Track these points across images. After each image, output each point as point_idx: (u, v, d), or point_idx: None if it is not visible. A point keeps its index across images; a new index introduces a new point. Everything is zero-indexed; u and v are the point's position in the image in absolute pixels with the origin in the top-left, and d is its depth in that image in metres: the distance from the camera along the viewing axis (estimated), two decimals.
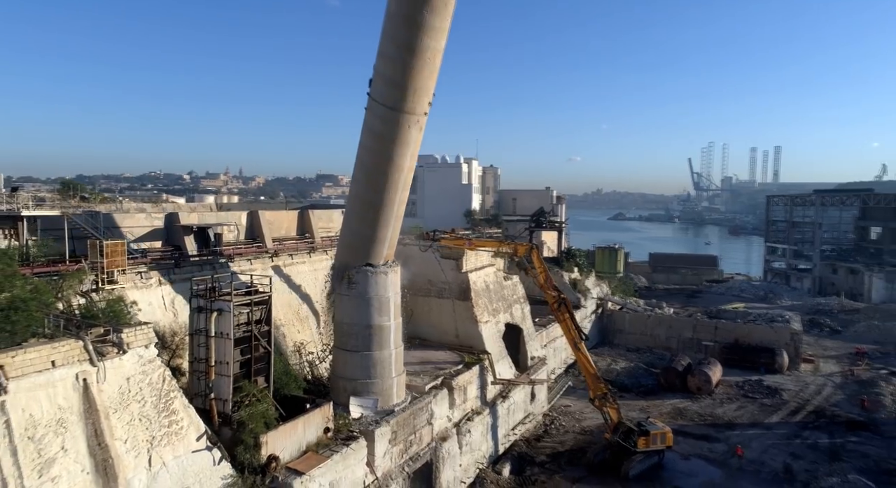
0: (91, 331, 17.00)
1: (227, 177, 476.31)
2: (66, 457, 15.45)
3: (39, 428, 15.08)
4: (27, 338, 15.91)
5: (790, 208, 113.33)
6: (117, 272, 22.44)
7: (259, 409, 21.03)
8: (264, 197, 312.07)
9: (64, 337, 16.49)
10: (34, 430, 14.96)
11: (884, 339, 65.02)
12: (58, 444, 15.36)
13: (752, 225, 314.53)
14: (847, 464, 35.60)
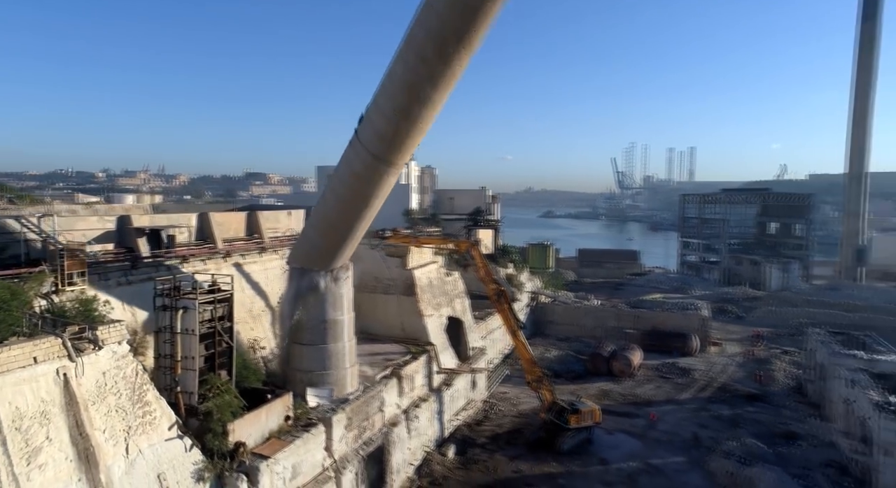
0: (68, 328, 17.97)
1: (146, 176, 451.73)
2: (51, 446, 16.50)
3: (25, 419, 16.07)
4: (7, 336, 16.74)
5: (701, 206, 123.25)
6: (76, 274, 23.04)
7: (225, 400, 22.45)
8: (189, 196, 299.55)
9: (43, 334, 17.41)
10: (20, 422, 15.94)
11: (778, 323, 73.16)
12: (43, 434, 16.38)
13: (669, 221, 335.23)
14: (744, 430, 40.85)
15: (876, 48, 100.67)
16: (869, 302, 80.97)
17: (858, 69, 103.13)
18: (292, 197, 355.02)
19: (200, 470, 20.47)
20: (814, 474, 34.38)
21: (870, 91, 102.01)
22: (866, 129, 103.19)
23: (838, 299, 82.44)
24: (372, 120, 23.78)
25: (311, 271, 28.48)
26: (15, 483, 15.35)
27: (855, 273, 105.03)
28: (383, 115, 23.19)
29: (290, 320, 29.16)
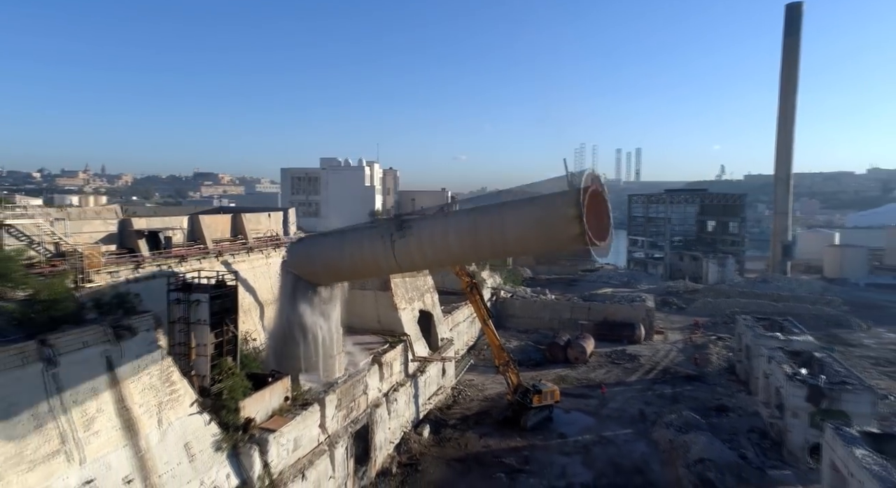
0: (108, 318, 20.63)
1: (87, 176, 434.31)
2: (102, 417, 19.21)
3: (80, 393, 18.75)
4: (60, 325, 19.31)
5: (647, 206, 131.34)
6: (93, 272, 25.46)
7: (235, 382, 25.38)
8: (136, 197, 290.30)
9: (89, 322, 20.04)
10: (77, 395, 18.61)
11: (715, 313, 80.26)
12: (95, 407, 19.09)
13: (618, 220, 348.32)
14: (682, 406, 46.12)
15: (797, 60, 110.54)
16: (793, 292, 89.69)
17: (782, 79, 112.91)
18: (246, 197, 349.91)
19: (219, 441, 23.39)
20: (739, 438, 39.91)
21: (793, 100, 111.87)
22: (791, 136, 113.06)
23: (767, 290, 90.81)
24: (411, 251, 27.68)
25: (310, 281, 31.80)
26: (78, 446, 18.07)
27: (783, 267, 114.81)
28: (424, 255, 27.86)
29: (286, 313, 32.06)
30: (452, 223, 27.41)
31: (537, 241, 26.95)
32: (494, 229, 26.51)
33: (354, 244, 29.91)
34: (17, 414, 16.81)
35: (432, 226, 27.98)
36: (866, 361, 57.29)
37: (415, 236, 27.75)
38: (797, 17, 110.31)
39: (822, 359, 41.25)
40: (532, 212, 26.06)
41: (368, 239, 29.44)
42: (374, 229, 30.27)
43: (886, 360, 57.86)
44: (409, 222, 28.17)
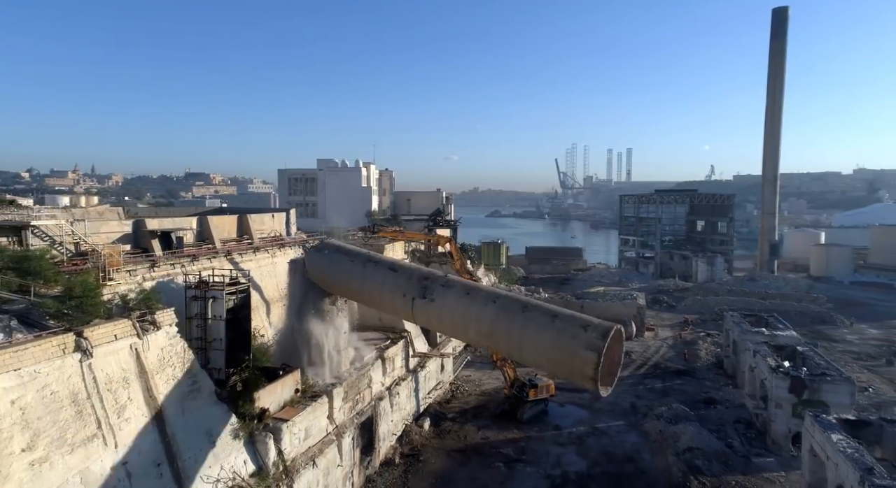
0: (134, 313, 21.98)
1: (76, 175, 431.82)
2: (132, 405, 20.57)
3: (113, 383, 20.10)
4: (94, 318, 20.65)
5: (637, 206, 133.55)
6: (113, 271, 26.72)
7: (249, 374, 26.77)
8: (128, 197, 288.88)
9: (117, 317, 21.37)
10: (110, 384, 19.96)
11: (704, 310, 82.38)
12: (126, 395, 20.44)
13: (609, 220, 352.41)
14: (672, 399, 47.97)
15: (783, 64, 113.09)
16: (780, 290, 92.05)
17: (769, 82, 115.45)
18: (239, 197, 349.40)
19: (236, 429, 24.77)
20: (726, 428, 41.76)
21: (780, 102, 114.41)
22: (778, 137, 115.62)
23: (755, 288, 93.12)
24: (430, 316, 29.04)
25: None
26: (112, 431, 19.43)
27: (771, 265, 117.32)
28: (442, 325, 29.59)
29: (298, 311, 33.43)
30: (475, 309, 27.03)
31: (549, 363, 26.63)
32: (513, 334, 26.29)
33: (375, 286, 30.46)
34: (58, 400, 18.15)
35: (455, 304, 27.76)
36: (848, 356, 59.48)
37: (436, 307, 27.99)
38: (783, 21, 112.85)
39: (805, 353, 43.19)
40: (552, 339, 25.16)
41: (391, 290, 29.82)
42: (398, 277, 30.00)
43: (867, 355, 60.10)
44: (432, 288, 28.10)
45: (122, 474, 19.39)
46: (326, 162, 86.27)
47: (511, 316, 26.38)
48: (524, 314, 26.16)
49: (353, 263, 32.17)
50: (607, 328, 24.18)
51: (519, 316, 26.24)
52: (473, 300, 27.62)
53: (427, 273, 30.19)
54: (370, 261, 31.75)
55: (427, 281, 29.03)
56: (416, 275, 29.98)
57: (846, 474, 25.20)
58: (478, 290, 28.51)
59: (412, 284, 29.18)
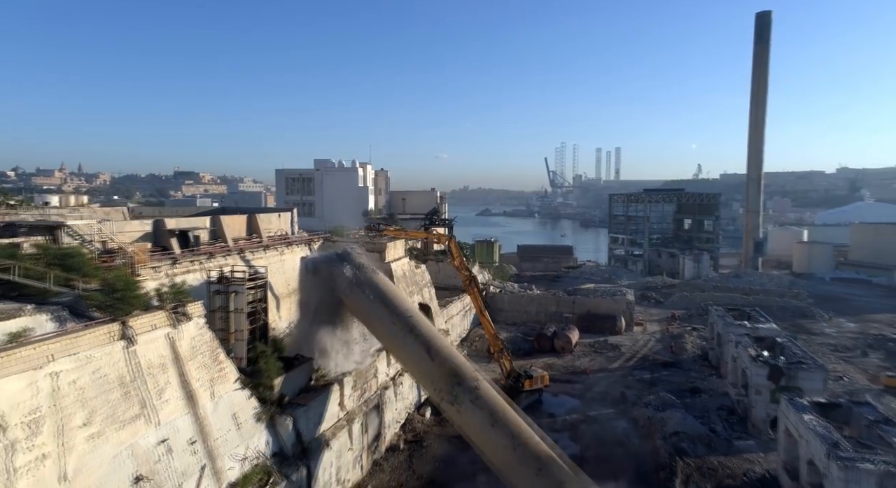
0: (168, 305, 23.95)
1: (63, 174, 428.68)
2: (170, 388, 22.57)
3: (152, 368, 22.08)
4: (133, 310, 22.59)
5: (626, 205, 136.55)
6: (140, 267, 28.61)
7: (269, 363, 28.81)
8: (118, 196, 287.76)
9: (154, 308, 23.34)
10: (151, 369, 21.95)
11: (690, 305, 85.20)
12: (164, 379, 22.44)
13: (599, 218, 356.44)
14: (660, 388, 50.50)
15: (767, 67, 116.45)
16: (763, 287, 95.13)
17: (753, 84, 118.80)
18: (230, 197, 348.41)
19: (259, 413, 26.82)
20: (710, 415, 44.30)
21: (763, 104, 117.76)
22: (761, 138, 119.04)
23: (739, 285, 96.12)
24: (449, 412, 30.29)
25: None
26: (154, 411, 21.43)
27: (755, 262, 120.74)
28: (458, 425, 30.48)
29: (308, 307, 35.43)
30: (495, 443, 27.93)
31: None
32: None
33: (411, 362, 31.83)
34: (109, 382, 20.13)
35: (480, 429, 28.55)
36: (826, 348, 62.44)
37: (462, 419, 28.98)
38: (766, 26, 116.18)
39: (783, 344, 45.89)
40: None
41: (423, 375, 31.30)
42: (432, 367, 30.72)
43: (844, 347, 63.10)
44: (462, 397, 28.78)
45: (163, 450, 21.40)
46: (323, 162, 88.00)
47: (525, 471, 27.00)
48: (537, 477, 26.62)
49: (394, 325, 32.54)
50: None
51: (531, 475, 26.68)
52: (497, 434, 28.17)
53: (459, 371, 30.54)
54: (410, 331, 32.02)
55: (459, 385, 29.62)
56: (449, 370, 30.47)
57: (816, 449, 27.78)
58: (505, 423, 28.51)
59: (444, 382, 30.04)
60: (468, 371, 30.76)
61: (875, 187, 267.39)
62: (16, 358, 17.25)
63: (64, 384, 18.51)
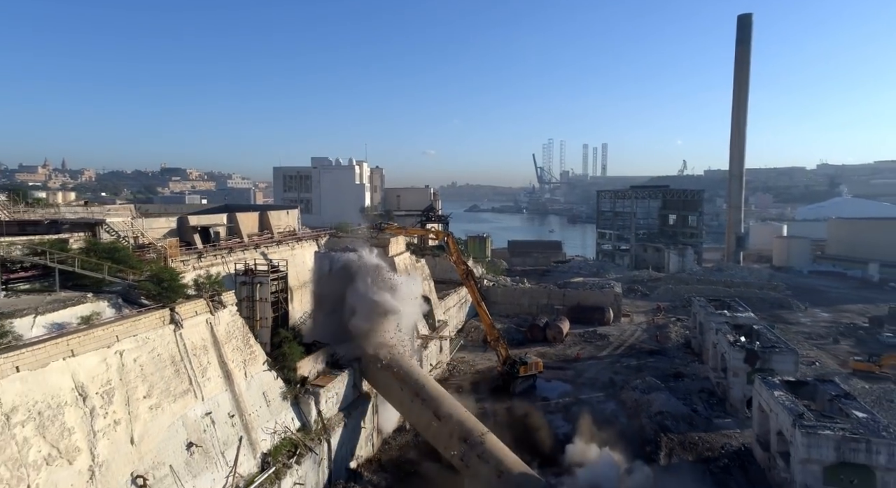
0: (207, 294, 26.58)
1: (47, 170, 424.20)
2: (210, 367, 25.25)
3: (196, 349, 24.74)
4: (177, 298, 25.20)
5: (614, 201, 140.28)
6: (171, 260, 31.15)
7: (292, 347, 31.53)
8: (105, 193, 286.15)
9: (194, 297, 25.96)
10: (195, 350, 24.61)
11: (675, 298, 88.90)
12: (206, 359, 25.11)
13: (586, 214, 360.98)
14: (646, 374, 53.82)
15: (748, 67, 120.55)
16: (744, 279, 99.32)
17: (735, 85, 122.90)
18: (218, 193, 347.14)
19: (284, 392, 29.58)
20: (692, 397, 47.72)
21: (745, 104, 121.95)
22: (743, 137, 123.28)
23: (721, 278, 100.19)
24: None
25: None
26: (199, 387, 24.11)
27: (737, 256, 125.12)
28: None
29: (324, 298, 38.09)
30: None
31: None
32: None
33: (421, 424, 33.52)
34: (163, 360, 22.77)
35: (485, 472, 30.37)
36: (801, 335, 66.38)
37: (468, 474, 30.99)
38: (747, 28, 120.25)
39: (759, 331, 49.43)
40: None
41: (434, 436, 32.97)
42: (441, 427, 32.51)
43: (817, 335, 67.12)
44: (469, 455, 30.59)
45: (208, 421, 24.11)
46: (321, 160, 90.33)
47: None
48: None
49: (403, 391, 35.01)
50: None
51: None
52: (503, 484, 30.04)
53: (467, 429, 32.47)
54: (417, 395, 34.26)
55: (466, 441, 31.67)
56: (457, 431, 32.41)
57: (783, 420, 31.16)
58: (509, 474, 30.11)
59: (453, 441, 32.12)
60: (472, 426, 32.81)
61: (853, 183, 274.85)
62: (91, 337, 19.87)
63: (129, 361, 21.14)
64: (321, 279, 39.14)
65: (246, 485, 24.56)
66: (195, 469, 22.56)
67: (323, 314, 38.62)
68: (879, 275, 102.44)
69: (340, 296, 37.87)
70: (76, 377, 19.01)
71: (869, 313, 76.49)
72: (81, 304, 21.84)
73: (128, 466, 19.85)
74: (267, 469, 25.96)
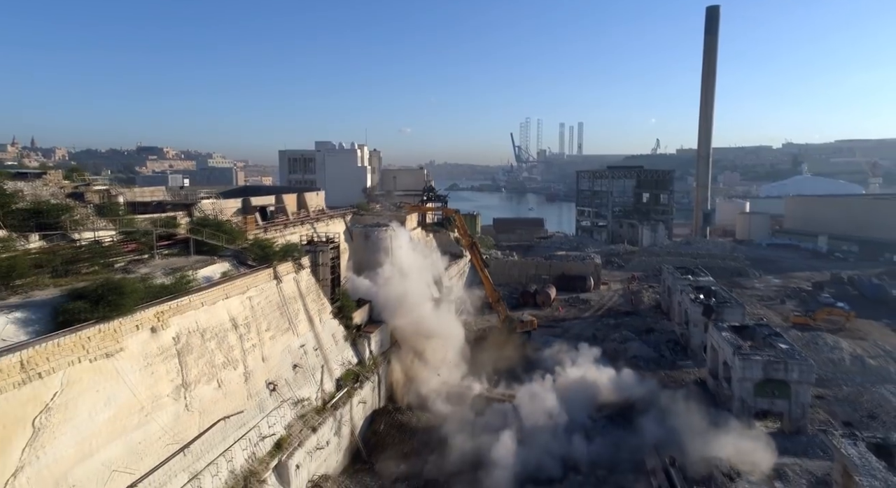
0: (292, 258, 34.50)
1: (15, 149, 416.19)
2: (300, 313, 33.36)
3: (290, 299, 32.78)
4: (273, 260, 33.02)
5: (592, 180, 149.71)
6: (248, 233, 38.82)
7: (347, 302, 39.73)
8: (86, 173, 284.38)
9: (284, 259, 33.84)
10: (289, 300, 32.65)
11: (647, 268, 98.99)
12: (296, 307, 33.19)
13: (563, 192, 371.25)
14: (622, 329, 63.51)
15: (715, 56, 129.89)
16: (709, 252, 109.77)
17: (704, 71, 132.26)
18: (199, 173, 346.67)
19: (345, 336, 37.89)
20: (660, 346, 57.41)
21: (712, 90, 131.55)
22: (710, 121, 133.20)
23: (689, 250, 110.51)
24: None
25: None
26: (294, 327, 32.25)
27: (704, 231, 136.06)
28: None
29: (361, 264, 46.17)
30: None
31: None
32: None
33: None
34: (272, 305, 30.81)
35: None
36: (754, 298, 76.89)
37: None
38: (715, 18, 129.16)
39: (716, 291, 59.25)
40: None
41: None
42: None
43: (768, 297, 77.75)
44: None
45: (303, 351, 32.34)
46: (325, 144, 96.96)
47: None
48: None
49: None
50: None
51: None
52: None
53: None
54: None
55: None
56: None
57: (727, 352, 40.68)
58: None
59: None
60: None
61: (814, 162, 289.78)
62: (234, 286, 27.82)
63: (255, 304, 29.16)
64: (359, 248, 47.16)
65: (329, 398, 32.99)
66: (299, 382, 30.87)
67: (359, 276, 46.79)
68: (827, 247, 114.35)
69: (374, 261, 46.05)
70: (230, 312, 27.00)
71: (813, 279, 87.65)
72: (214, 264, 29.62)
73: (263, 375, 28.07)
74: (341, 389, 34.40)
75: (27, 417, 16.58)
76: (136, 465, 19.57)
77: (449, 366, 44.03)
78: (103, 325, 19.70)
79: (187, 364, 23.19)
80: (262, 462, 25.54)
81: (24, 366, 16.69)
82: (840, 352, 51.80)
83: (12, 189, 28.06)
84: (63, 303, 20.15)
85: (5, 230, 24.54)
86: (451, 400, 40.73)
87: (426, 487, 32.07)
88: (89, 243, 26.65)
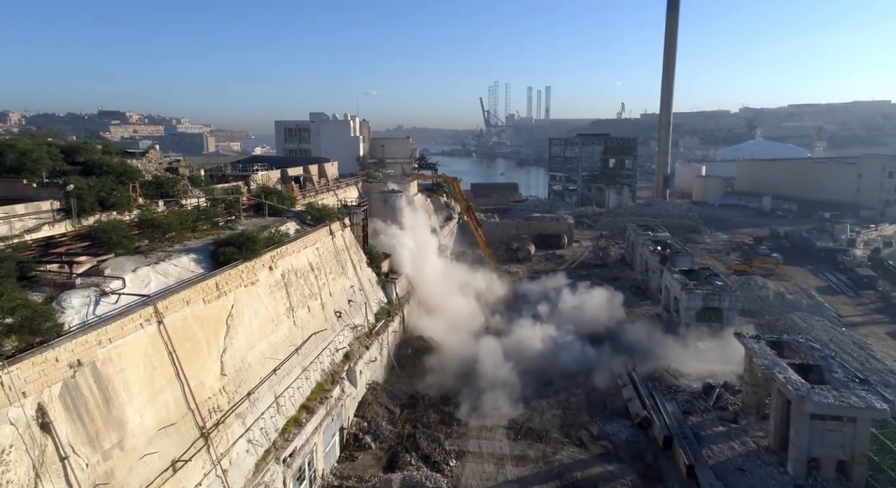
0: (338, 218, 43.26)
1: None
2: (348, 261, 42.44)
3: (340, 250, 41.74)
4: (326, 219, 41.72)
5: (563, 147, 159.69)
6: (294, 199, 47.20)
7: (376, 253, 48.90)
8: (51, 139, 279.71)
9: (333, 220, 42.56)
10: (340, 250, 41.62)
11: (613, 228, 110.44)
12: (345, 256, 42.22)
13: (533, 157, 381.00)
14: (593, 279, 74.51)
15: (676, 31, 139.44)
16: (668, 212, 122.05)
17: (666, 42, 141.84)
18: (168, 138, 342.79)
19: (377, 281, 47.20)
20: (625, 291, 68.56)
21: (673, 62, 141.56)
22: (671, 90, 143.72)
23: (650, 211, 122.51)
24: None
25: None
26: (345, 272, 41.37)
27: (664, 194, 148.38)
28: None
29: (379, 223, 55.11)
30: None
31: None
32: None
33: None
34: (330, 253, 39.79)
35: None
36: (704, 251, 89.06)
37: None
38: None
39: (671, 244, 70.51)
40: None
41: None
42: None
43: (715, 250, 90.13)
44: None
45: (353, 290, 41.61)
46: (319, 115, 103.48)
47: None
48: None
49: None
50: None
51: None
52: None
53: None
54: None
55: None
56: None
57: (676, 289, 51.68)
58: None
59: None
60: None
61: (768, 126, 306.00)
62: (308, 239, 36.67)
63: (321, 253, 38.13)
64: (377, 210, 56.01)
65: (372, 327, 42.53)
66: (352, 313, 40.25)
67: (378, 234, 55.94)
68: (770, 206, 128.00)
69: (392, 221, 55.05)
70: (308, 258, 35.95)
71: (755, 234, 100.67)
72: (287, 223, 38.25)
73: (332, 306, 37.35)
74: (379, 321, 43.96)
75: (223, 318, 25.53)
76: (276, 356, 28.84)
77: (455, 303, 53.90)
78: (248, 263, 28.52)
79: (291, 294, 32.24)
80: (339, 366, 35.06)
81: (218, 286, 25.57)
82: (766, 290, 63.92)
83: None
84: (215, 248, 28.78)
85: (144, 198, 32.70)
86: (459, 331, 50.76)
87: (445, 395, 42.13)
88: (194, 207, 34.92)
